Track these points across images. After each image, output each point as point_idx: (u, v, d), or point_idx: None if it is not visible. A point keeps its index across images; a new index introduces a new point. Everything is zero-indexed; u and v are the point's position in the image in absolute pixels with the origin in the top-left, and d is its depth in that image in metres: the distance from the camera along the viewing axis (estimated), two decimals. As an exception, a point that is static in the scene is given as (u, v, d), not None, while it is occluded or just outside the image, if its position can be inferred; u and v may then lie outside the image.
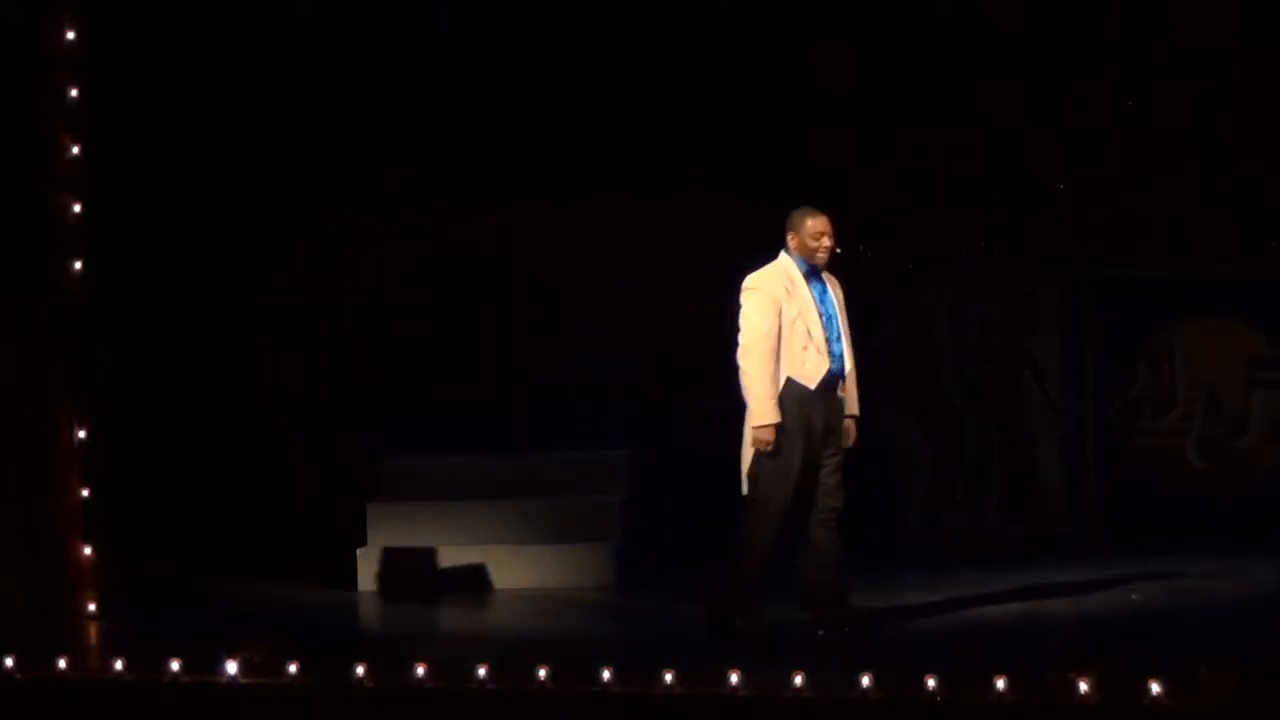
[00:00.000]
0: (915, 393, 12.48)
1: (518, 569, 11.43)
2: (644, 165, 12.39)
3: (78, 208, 10.87)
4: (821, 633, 9.56)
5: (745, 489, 9.52)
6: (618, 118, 12.45)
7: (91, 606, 10.64)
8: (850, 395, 9.64)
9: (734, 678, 8.13)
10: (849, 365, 9.60)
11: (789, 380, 9.43)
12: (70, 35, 10.87)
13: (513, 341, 12.58)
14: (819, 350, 9.43)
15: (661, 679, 8.21)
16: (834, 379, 9.50)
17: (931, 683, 7.91)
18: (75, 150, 10.88)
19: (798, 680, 8.04)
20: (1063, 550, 11.82)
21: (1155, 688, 7.70)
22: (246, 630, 9.27)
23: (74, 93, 10.75)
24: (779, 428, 9.36)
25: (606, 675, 8.31)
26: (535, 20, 12.48)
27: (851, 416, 9.64)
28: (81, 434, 10.85)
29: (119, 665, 8.83)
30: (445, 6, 12.58)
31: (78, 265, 10.86)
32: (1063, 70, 12.45)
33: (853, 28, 12.42)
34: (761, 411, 9.34)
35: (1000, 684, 7.85)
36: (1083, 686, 7.79)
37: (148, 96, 11.79)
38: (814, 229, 9.49)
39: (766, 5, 12.38)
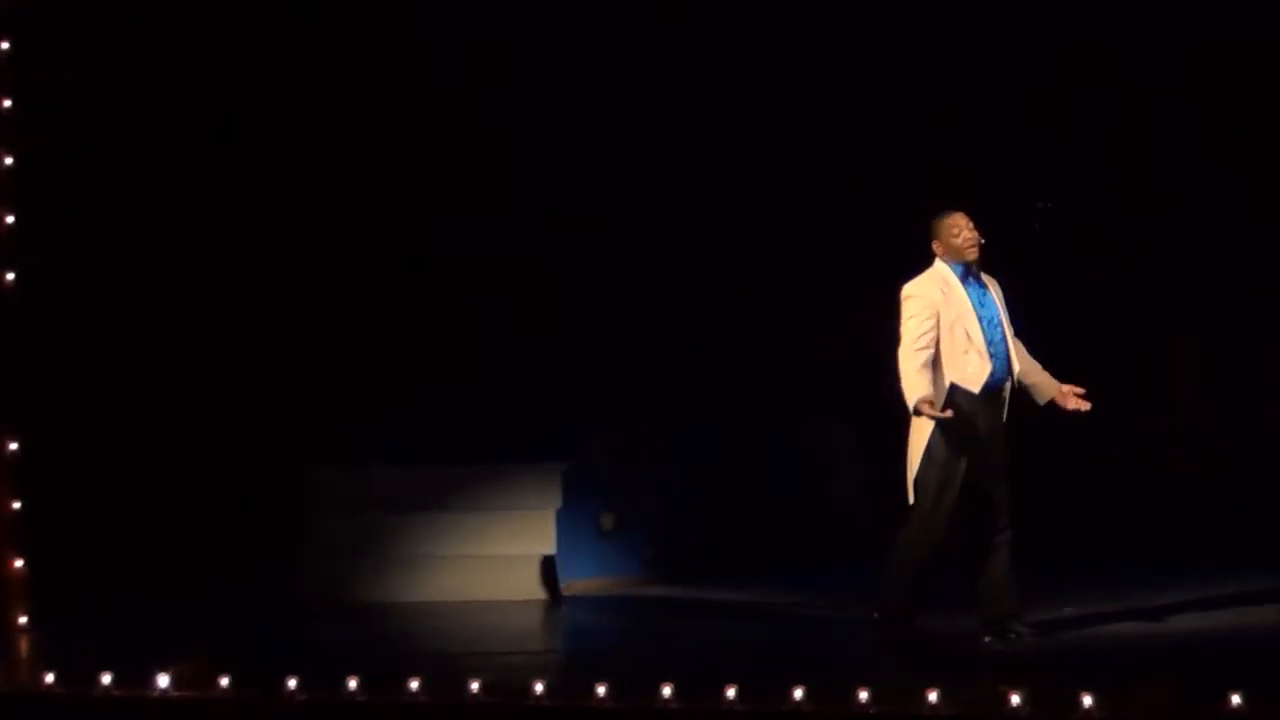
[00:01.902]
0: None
1: (452, 580, 11.45)
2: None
3: (10, 219, 10.93)
4: (988, 639, 9.58)
5: (911, 497, 9.52)
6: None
7: (23, 619, 10.70)
8: (1046, 379, 9.63)
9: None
10: (1019, 365, 9.58)
11: (953, 386, 9.44)
12: (4, 45, 10.96)
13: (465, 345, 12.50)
14: (980, 353, 9.44)
15: (595, 692, 8.24)
16: (998, 383, 9.49)
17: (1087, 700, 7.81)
18: (9, 161, 10.96)
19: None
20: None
21: (1087, 700, 7.75)
22: (180, 643, 9.28)
23: (7, 103, 10.82)
24: (950, 433, 9.36)
25: (539, 688, 8.33)
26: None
27: (1068, 388, 9.60)
28: (14, 446, 10.88)
29: (50, 679, 8.86)
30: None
31: (10, 276, 10.90)
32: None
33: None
34: (912, 391, 9.29)
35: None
36: (1014, 699, 7.79)
37: (81, 105, 11.72)
38: (952, 226, 9.60)
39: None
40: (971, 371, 9.42)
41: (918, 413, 9.28)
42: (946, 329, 9.44)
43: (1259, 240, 12.50)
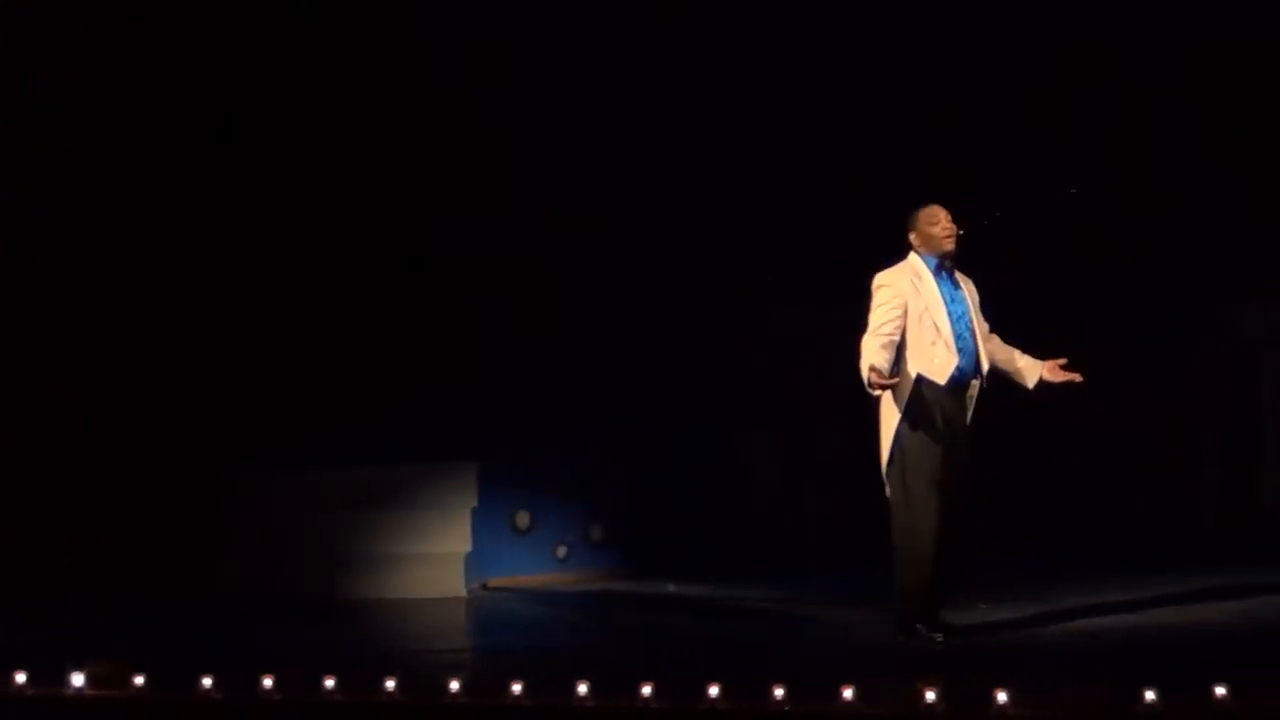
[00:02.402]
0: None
1: (370, 578, 11.48)
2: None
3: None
4: (901, 637, 9.55)
5: (888, 490, 9.52)
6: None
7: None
8: (1029, 362, 9.64)
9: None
10: (998, 356, 9.61)
11: (919, 377, 9.42)
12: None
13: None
14: (947, 346, 9.43)
15: (511, 691, 8.21)
16: (964, 378, 9.47)
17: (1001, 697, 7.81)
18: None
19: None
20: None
21: (1001, 697, 7.75)
22: (96, 641, 9.38)
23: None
24: (916, 424, 9.37)
25: (455, 686, 8.31)
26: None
27: (1048, 362, 9.59)
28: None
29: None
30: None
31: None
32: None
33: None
34: (865, 362, 9.26)
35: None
36: (929, 696, 7.80)
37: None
38: (930, 217, 9.62)
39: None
40: (938, 363, 9.42)
41: (870, 386, 9.23)
42: (915, 319, 9.43)
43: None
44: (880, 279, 9.53)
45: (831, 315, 12.49)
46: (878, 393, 9.32)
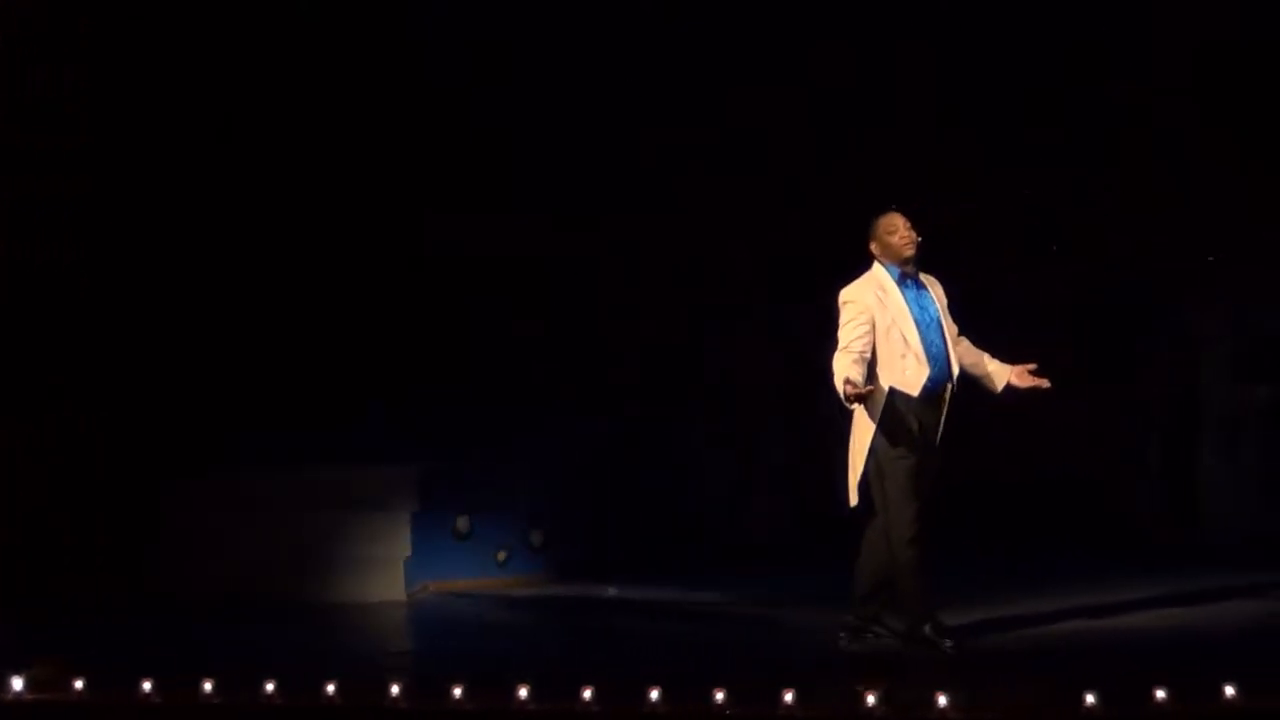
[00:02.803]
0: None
1: (309, 582, 11.44)
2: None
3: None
4: (843, 635, 9.61)
5: (852, 500, 9.47)
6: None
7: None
8: (997, 366, 9.61)
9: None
10: (966, 360, 9.56)
11: (892, 389, 9.39)
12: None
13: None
14: (917, 357, 9.39)
15: (451, 694, 8.21)
16: (936, 386, 9.43)
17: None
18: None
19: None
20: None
21: (870, 699, 7.80)
22: (36, 645, 9.29)
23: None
24: (892, 436, 9.34)
25: (395, 690, 8.31)
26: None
27: (1018, 368, 9.56)
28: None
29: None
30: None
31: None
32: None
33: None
34: (839, 377, 9.22)
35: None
36: (869, 699, 7.82)
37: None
38: (887, 226, 9.56)
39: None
40: (909, 375, 9.39)
41: (848, 400, 9.20)
42: (883, 333, 9.39)
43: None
44: (845, 294, 9.49)
45: (772, 315, 12.70)
46: (854, 405, 9.28)
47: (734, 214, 12.66)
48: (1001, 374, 9.63)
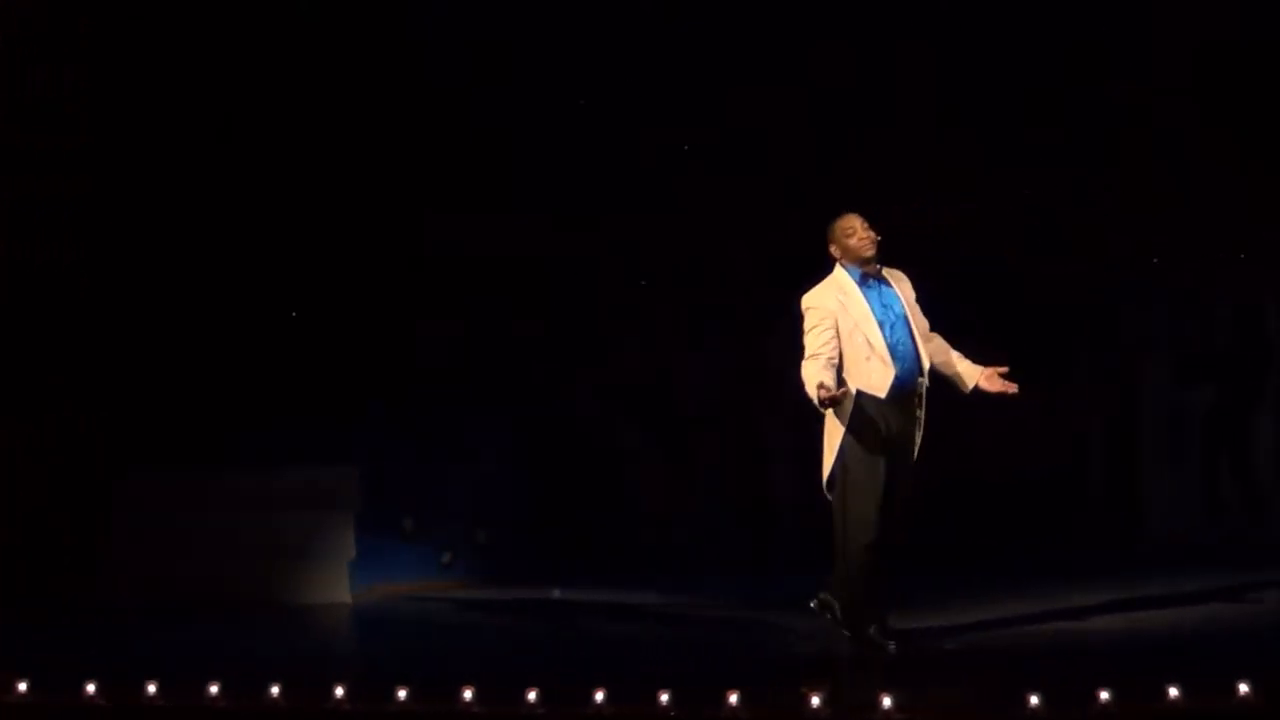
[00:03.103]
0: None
1: (254, 584, 11.40)
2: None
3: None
4: (814, 602, 9.54)
5: (831, 496, 9.46)
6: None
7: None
8: (967, 367, 9.56)
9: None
10: (936, 359, 9.52)
11: (859, 392, 9.35)
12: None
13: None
14: (882, 360, 9.35)
15: (395, 696, 8.19)
16: (905, 385, 9.39)
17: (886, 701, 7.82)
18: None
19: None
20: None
21: (886, 702, 7.77)
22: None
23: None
24: (861, 439, 9.31)
25: (340, 692, 8.29)
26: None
27: (989, 371, 9.52)
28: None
29: None
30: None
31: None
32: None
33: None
34: (809, 384, 9.19)
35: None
36: (814, 701, 7.82)
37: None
38: (844, 228, 9.54)
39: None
40: (875, 378, 9.35)
41: (822, 405, 9.17)
42: (846, 337, 9.35)
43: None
44: (807, 300, 9.48)
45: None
46: (827, 408, 9.25)
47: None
48: (971, 375, 9.59)
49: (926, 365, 9.46)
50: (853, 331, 9.35)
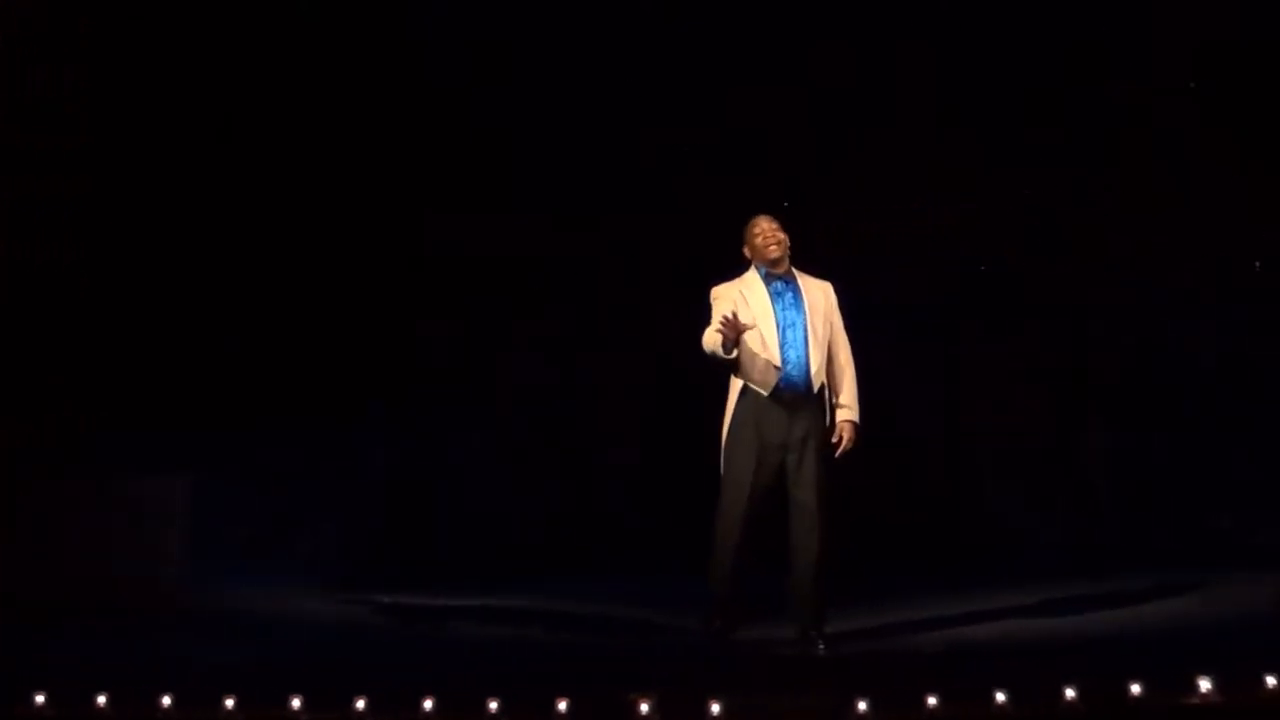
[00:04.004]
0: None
1: (81, 591, 10.87)
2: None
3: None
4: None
5: None
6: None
7: None
8: (845, 400, 9.57)
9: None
10: (821, 377, 9.51)
11: (745, 386, 9.47)
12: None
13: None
14: (772, 358, 9.43)
15: (224, 705, 8.12)
16: (790, 388, 9.44)
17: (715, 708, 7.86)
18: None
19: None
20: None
21: (715, 708, 7.82)
22: None
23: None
24: (737, 434, 9.43)
25: (167, 701, 8.18)
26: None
27: (847, 421, 9.54)
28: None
29: None
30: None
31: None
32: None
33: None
34: (708, 342, 9.29)
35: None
36: (642, 708, 7.85)
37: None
38: (753, 228, 9.72)
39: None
40: (762, 375, 9.44)
41: (726, 342, 9.21)
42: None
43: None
44: (714, 292, 9.62)
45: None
46: (735, 352, 9.30)
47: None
48: (837, 416, 9.59)
49: (818, 376, 9.50)
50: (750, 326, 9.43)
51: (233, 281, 12.35)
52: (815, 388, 9.50)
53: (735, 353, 9.33)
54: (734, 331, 9.22)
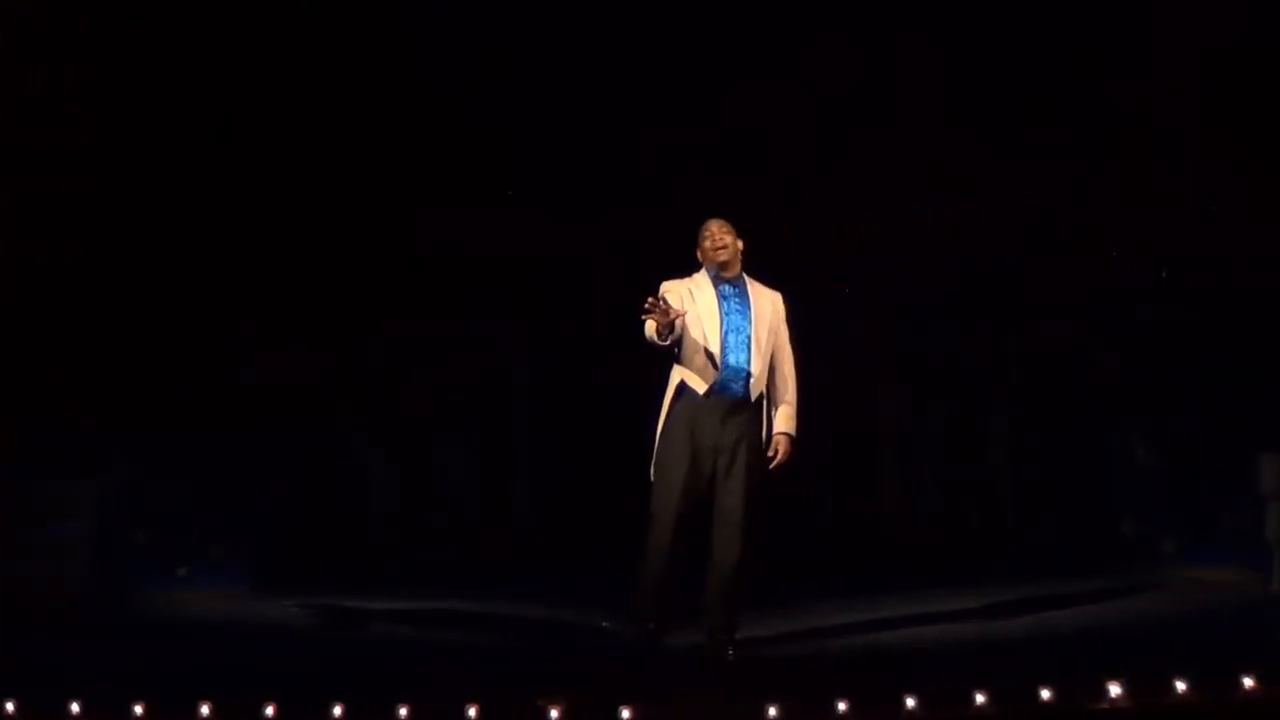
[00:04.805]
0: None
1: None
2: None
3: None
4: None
5: None
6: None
7: None
8: (783, 412, 9.57)
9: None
10: (760, 386, 9.50)
11: (681, 383, 9.48)
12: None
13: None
14: (710, 358, 9.43)
15: (132, 711, 8.13)
16: (725, 392, 9.44)
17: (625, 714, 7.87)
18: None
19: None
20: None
21: (625, 714, 7.87)
22: None
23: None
24: (670, 432, 9.43)
25: (76, 708, 8.19)
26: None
27: (783, 433, 9.53)
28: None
29: None
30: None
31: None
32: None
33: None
34: (648, 330, 9.31)
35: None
36: (553, 714, 7.87)
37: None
38: (702, 231, 9.78)
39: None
40: (698, 374, 9.45)
41: (662, 327, 9.22)
42: (687, 327, 9.44)
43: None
44: (665, 285, 9.61)
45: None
46: (674, 336, 9.31)
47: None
48: (775, 427, 9.60)
49: (757, 384, 9.49)
50: (693, 323, 9.47)
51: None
52: (753, 396, 9.49)
53: (670, 339, 9.33)
54: (664, 316, 9.20)
